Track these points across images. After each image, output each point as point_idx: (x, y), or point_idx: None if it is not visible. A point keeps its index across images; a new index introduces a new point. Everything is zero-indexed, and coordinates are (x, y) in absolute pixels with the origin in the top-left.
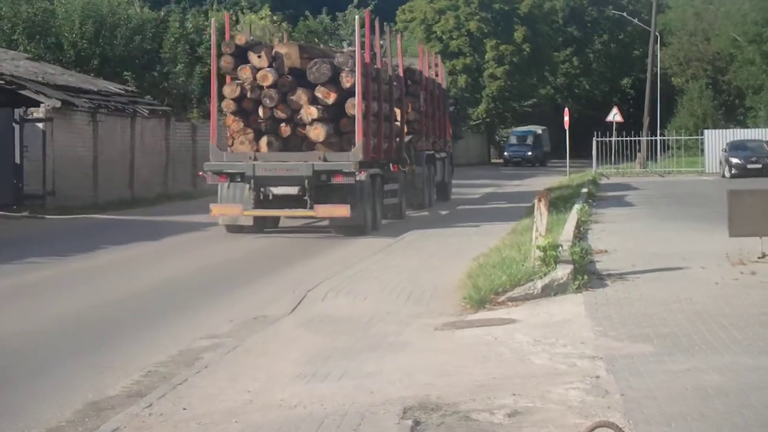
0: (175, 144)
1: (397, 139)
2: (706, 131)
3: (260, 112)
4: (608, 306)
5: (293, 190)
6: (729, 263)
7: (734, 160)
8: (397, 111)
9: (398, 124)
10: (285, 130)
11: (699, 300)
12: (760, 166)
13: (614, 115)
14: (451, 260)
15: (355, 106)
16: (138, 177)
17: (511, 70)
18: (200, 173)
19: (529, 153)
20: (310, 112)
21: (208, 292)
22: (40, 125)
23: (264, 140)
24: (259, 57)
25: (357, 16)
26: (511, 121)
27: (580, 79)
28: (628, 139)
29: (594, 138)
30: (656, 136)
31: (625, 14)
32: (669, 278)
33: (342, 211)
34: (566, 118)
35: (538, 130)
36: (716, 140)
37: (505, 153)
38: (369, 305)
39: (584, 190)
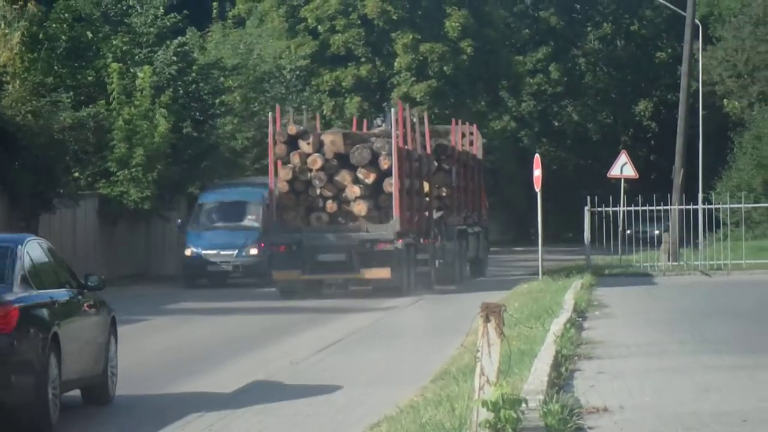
0: None
1: (426, 213)
2: None
3: (310, 191)
4: None
5: (342, 257)
6: None
7: None
8: (426, 185)
9: (427, 199)
10: (331, 206)
11: None
12: None
13: (622, 167)
14: None
15: (392, 185)
16: None
17: (441, 88)
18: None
19: (245, 251)
20: (353, 191)
21: None
22: None
23: (314, 215)
24: (308, 144)
25: (392, 109)
26: None
27: (561, 102)
28: (646, 209)
29: (586, 207)
30: (696, 202)
31: None
32: None
33: (384, 273)
34: (537, 172)
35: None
36: None
37: (188, 247)
38: None
39: (568, 298)
